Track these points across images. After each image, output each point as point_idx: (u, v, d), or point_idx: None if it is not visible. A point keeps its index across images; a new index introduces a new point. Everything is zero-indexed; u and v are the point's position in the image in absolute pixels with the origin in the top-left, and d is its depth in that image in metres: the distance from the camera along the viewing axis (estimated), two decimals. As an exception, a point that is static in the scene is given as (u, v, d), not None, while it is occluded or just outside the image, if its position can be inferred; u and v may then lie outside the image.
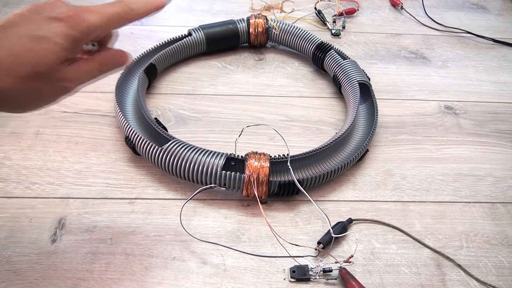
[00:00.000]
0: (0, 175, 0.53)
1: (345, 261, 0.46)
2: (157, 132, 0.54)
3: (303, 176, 0.52)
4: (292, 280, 0.45)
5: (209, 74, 0.70)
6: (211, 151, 0.51)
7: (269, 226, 0.48)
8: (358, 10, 0.86)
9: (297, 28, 0.72)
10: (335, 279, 0.45)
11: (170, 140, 0.52)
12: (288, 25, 0.72)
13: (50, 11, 0.34)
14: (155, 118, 0.60)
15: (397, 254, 0.48)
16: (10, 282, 0.43)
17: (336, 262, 0.46)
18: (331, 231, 0.47)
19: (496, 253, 0.49)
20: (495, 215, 0.52)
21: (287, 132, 0.61)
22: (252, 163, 0.50)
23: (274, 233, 0.47)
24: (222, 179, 0.50)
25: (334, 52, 0.68)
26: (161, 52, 0.66)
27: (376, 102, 0.62)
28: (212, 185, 0.50)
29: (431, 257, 0.48)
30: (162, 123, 0.60)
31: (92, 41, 0.39)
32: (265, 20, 0.72)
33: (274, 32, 0.73)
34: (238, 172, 0.49)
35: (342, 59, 0.66)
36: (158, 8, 0.37)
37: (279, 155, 0.52)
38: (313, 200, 0.49)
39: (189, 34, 0.70)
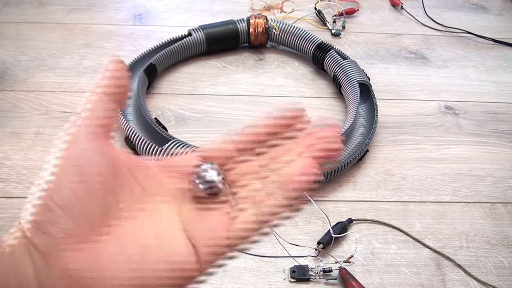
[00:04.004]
0: (0, 175, 0.53)
1: (345, 261, 0.46)
2: (157, 132, 0.54)
3: (303, 176, 0.52)
4: (292, 280, 0.45)
5: (209, 74, 0.70)
6: (211, 151, 0.51)
7: (269, 226, 0.48)
8: (358, 10, 0.86)
9: (297, 28, 0.72)
10: (335, 279, 0.45)
11: (170, 140, 0.52)
12: (288, 25, 0.72)
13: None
14: (155, 118, 0.60)
15: (397, 254, 0.48)
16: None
17: (336, 262, 0.46)
18: (331, 231, 0.47)
19: (496, 253, 0.49)
20: (495, 215, 0.52)
21: (287, 132, 0.61)
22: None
23: (274, 233, 0.47)
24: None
25: (334, 52, 0.68)
26: (161, 52, 0.66)
27: (376, 102, 0.62)
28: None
29: (431, 257, 0.48)
30: (162, 123, 0.60)
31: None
32: (265, 20, 0.72)
33: (274, 32, 0.73)
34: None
35: (342, 59, 0.66)
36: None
37: (279, 155, 0.52)
38: (313, 200, 0.49)
39: (189, 34, 0.70)
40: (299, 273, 0.45)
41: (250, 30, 0.72)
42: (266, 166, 0.26)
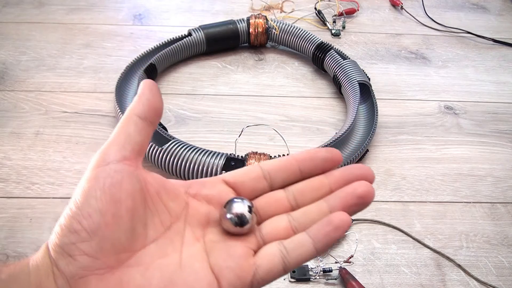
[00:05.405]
0: (0, 175, 0.53)
1: (345, 261, 0.46)
2: (157, 132, 0.54)
3: (303, 176, 0.52)
4: (292, 280, 0.45)
5: (209, 74, 0.70)
6: (211, 151, 0.51)
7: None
8: (358, 10, 0.86)
9: (297, 28, 0.72)
10: (335, 279, 0.45)
11: (170, 140, 0.52)
12: (288, 25, 0.72)
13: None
14: (155, 118, 0.60)
15: (397, 254, 0.48)
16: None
17: (336, 262, 0.46)
18: (331, 231, 0.47)
19: (496, 253, 0.49)
20: (495, 215, 0.52)
21: (287, 132, 0.61)
22: (252, 163, 0.50)
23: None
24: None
25: (334, 52, 0.68)
26: (161, 52, 0.66)
27: (376, 102, 0.62)
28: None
29: (431, 257, 0.48)
30: (162, 123, 0.60)
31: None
32: (265, 20, 0.72)
33: (274, 32, 0.73)
34: (238, 172, 0.49)
35: (342, 59, 0.66)
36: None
37: (279, 155, 0.52)
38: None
39: (189, 34, 0.70)
40: (299, 273, 0.45)
41: (250, 30, 0.72)
42: (295, 203, 0.26)
